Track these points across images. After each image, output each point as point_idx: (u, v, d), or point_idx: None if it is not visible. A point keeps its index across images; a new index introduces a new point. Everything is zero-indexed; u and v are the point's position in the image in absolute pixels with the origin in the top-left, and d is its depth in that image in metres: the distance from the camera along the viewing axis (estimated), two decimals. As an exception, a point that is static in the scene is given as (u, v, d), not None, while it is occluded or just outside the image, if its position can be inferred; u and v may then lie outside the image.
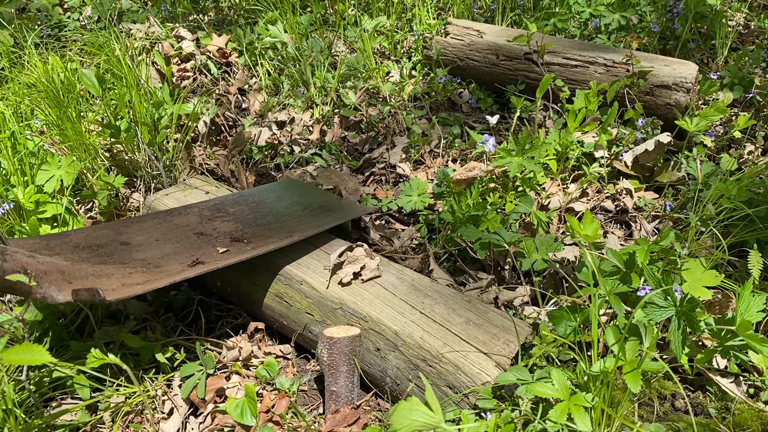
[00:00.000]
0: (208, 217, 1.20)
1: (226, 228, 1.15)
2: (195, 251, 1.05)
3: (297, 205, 1.26)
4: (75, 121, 1.52)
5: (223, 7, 2.65)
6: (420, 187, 1.34)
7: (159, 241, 1.10)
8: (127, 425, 0.94)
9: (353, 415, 0.92)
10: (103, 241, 1.09)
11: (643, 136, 1.48)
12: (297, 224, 1.16)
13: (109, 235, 1.12)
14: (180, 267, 0.99)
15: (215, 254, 1.04)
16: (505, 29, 1.89)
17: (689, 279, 0.86)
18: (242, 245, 1.07)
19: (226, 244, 1.08)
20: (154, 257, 1.03)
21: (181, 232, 1.13)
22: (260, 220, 1.19)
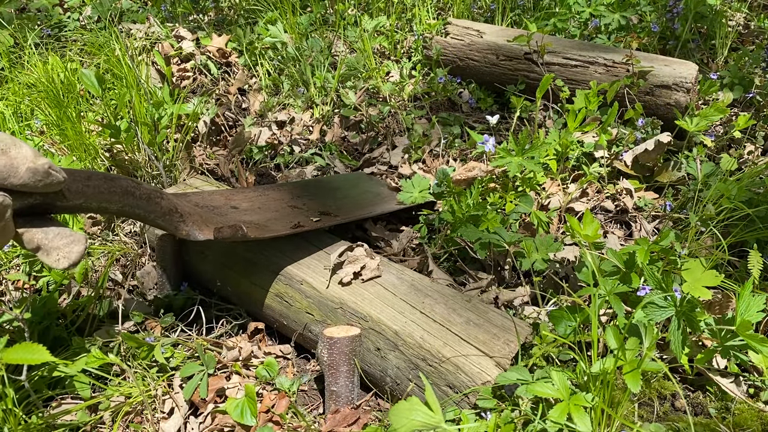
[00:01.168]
0: (297, 194, 1.37)
1: (313, 204, 1.32)
2: (293, 218, 1.21)
3: (367, 192, 1.44)
4: (75, 121, 1.53)
5: (223, 7, 2.65)
6: (421, 183, 1.34)
7: (261, 209, 1.25)
8: (127, 425, 0.94)
9: (353, 415, 0.92)
10: (216, 204, 1.23)
11: (643, 136, 1.48)
12: (371, 206, 1.37)
13: (221, 200, 1.25)
14: (284, 228, 1.14)
15: (310, 221, 1.19)
16: (505, 29, 1.89)
17: (689, 279, 0.87)
18: (330, 217, 1.24)
19: (316, 216, 1.23)
20: (260, 220, 1.18)
21: (277, 204, 1.30)
22: (340, 202, 1.35)
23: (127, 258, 1.33)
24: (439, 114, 1.77)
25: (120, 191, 0.92)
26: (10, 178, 0.75)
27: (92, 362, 0.95)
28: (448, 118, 1.75)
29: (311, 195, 1.37)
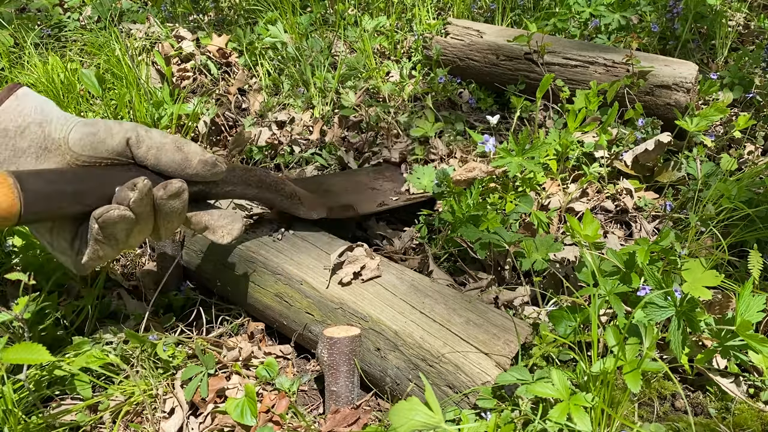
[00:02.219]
0: (373, 177, 1.51)
1: (388, 185, 1.46)
2: (376, 198, 1.37)
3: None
4: (75, 121, 1.52)
5: (223, 7, 2.65)
6: (429, 173, 1.34)
7: (348, 191, 1.39)
8: (127, 425, 0.94)
9: (353, 415, 0.92)
10: (312, 188, 1.35)
11: (643, 136, 1.48)
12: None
13: (315, 185, 1.39)
14: (372, 207, 1.32)
15: (390, 200, 1.35)
16: (505, 29, 1.89)
17: (689, 279, 0.87)
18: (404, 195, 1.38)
19: (394, 195, 1.39)
20: (350, 200, 1.33)
21: (360, 186, 1.44)
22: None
23: (127, 258, 1.33)
24: (440, 112, 1.77)
25: (256, 179, 1.07)
26: (185, 169, 0.88)
27: (92, 362, 0.95)
28: (449, 116, 1.75)
29: (383, 178, 1.51)
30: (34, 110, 0.82)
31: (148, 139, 0.86)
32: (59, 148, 0.82)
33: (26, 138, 0.80)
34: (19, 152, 0.80)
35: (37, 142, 0.81)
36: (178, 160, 0.87)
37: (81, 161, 0.83)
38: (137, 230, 0.84)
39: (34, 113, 0.81)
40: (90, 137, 0.82)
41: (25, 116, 0.81)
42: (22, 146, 0.80)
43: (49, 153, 0.82)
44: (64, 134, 0.82)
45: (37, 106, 0.82)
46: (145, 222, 0.85)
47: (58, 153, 0.82)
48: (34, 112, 0.81)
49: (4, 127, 0.79)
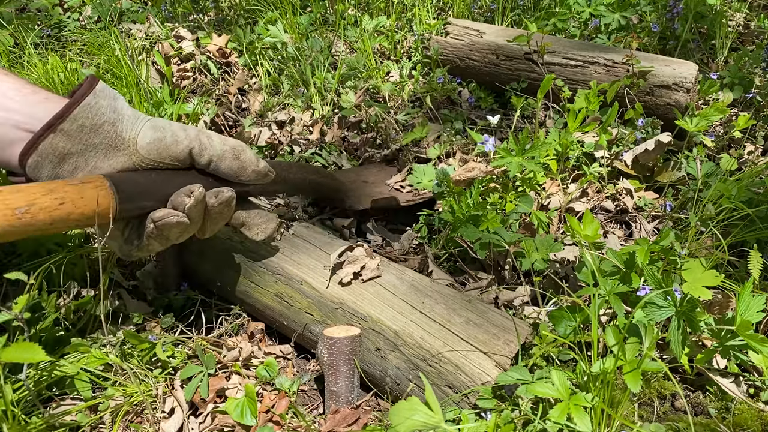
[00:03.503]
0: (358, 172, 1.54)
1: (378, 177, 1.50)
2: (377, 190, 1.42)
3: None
4: (75, 121, 1.52)
5: (223, 7, 2.65)
6: (429, 173, 1.34)
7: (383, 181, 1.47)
8: (127, 425, 0.94)
9: (353, 415, 0.92)
10: (351, 179, 1.44)
11: (644, 136, 1.48)
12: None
13: (353, 176, 1.48)
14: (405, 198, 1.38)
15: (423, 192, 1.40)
16: (505, 29, 1.89)
17: (689, 279, 0.86)
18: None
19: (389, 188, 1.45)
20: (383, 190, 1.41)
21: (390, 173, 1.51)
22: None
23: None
24: (440, 111, 1.77)
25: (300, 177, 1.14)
26: (240, 177, 0.96)
27: (92, 362, 0.95)
28: (449, 114, 1.75)
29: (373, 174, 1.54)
30: (109, 109, 0.86)
31: (210, 148, 0.92)
32: (128, 147, 0.87)
33: (100, 135, 0.85)
34: (91, 147, 0.85)
35: (108, 140, 0.86)
36: (235, 168, 0.94)
37: (145, 163, 0.89)
38: (187, 230, 0.92)
39: (110, 112, 0.86)
40: (157, 143, 0.88)
41: (101, 115, 0.85)
42: (95, 142, 0.85)
43: (117, 151, 0.87)
44: (133, 134, 0.87)
45: (112, 104, 0.87)
46: (195, 223, 0.91)
47: (125, 152, 0.87)
48: (109, 111, 0.86)
49: (81, 123, 0.83)
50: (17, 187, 0.77)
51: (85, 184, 0.81)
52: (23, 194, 0.76)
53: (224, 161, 0.94)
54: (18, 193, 0.76)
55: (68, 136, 0.83)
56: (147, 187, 0.88)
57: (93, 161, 0.86)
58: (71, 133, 0.83)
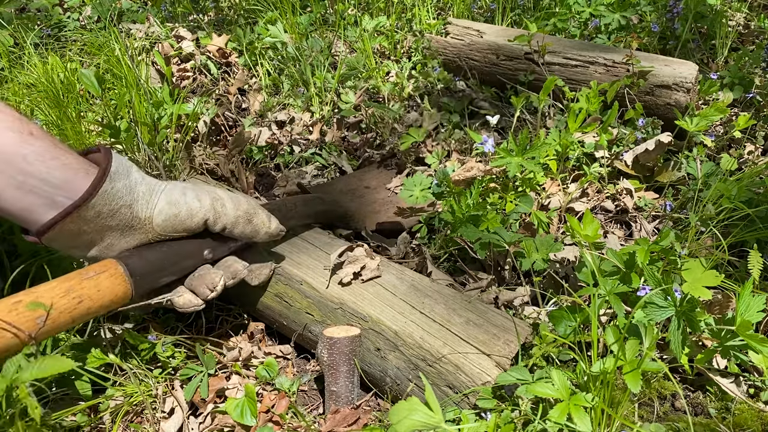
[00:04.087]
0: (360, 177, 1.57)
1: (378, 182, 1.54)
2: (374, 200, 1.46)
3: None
4: (75, 121, 1.53)
5: (223, 7, 2.65)
6: (422, 182, 1.32)
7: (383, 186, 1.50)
8: (127, 425, 0.94)
9: (353, 415, 0.92)
10: (353, 186, 1.49)
11: (644, 136, 1.48)
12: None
13: (355, 182, 1.51)
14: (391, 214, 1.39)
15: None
16: (505, 29, 1.89)
17: (689, 279, 0.86)
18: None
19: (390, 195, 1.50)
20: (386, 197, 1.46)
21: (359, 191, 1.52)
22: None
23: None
24: (440, 100, 1.75)
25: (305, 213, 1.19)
26: (252, 239, 1.00)
27: (92, 362, 0.94)
28: (448, 103, 1.73)
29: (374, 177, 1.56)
30: (125, 190, 0.87)
31: (224, 216, 0.95)
32: (144, 226, 0.89)
33: (116, 218, 0.87)
34: (106, 228, 0.87)
35: (125, 221, 0.88)
36: (248, 232, 0.98)
37: (160, 238, 0.92)
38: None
39: (126, 194, 0.87)
40: (173, 219, 0.91)
41: (118, 199, 0.86)
42: (111, 225, 0.87)
43: (134, 230, 0.89)
44: (149, 213, 0.90)
45: (127, 184, 0.88)
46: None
47: (141, 231, 0.90)
48: (125, 193, 0.87)
49: (98, 210, 0.85)
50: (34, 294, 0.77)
51: (101, 276, 0.83)
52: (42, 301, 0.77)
53: (237, 227, 0.97)
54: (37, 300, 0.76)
55: (86, 220, 0.84)
56: (160, 264, 0.90)
57: (108, 239, 0.88)
58: (88, 218, 0.84)
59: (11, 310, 0.74)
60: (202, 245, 0.96)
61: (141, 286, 0.88)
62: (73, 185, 0.84)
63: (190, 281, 0.95)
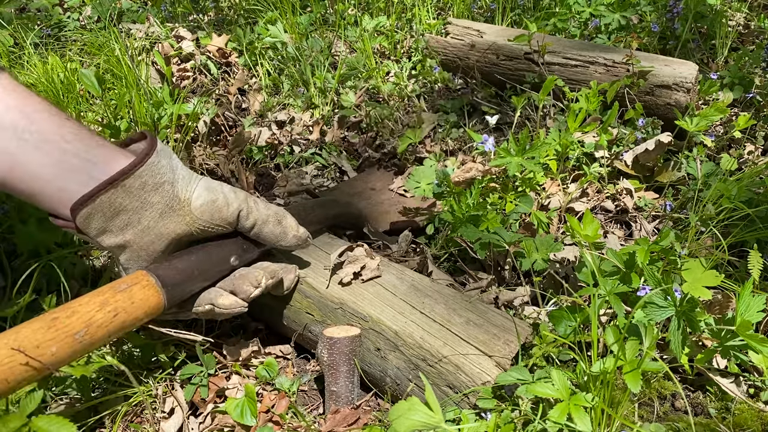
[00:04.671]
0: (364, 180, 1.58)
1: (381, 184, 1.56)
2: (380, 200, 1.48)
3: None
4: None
5: (223, 7, 2.65)
6: (427, 176, 1.33)
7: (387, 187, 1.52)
8: (127, 425, 0.94)
9: (353, 415, 0.92)
10: (359, 189, 1.50)
11: (644, 136, 1.48)
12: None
13: (361, 185, 1.53)
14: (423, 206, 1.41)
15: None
16: (505, 29, 1.89)
17: (689, 279, 0.86)
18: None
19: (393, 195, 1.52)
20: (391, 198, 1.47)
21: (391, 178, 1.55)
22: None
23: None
24: (436, 102, 1.76)
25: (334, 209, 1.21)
26: (280, 242, 0.98)
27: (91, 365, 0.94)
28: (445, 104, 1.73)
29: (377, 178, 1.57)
30: (168, 168, 0.87)
31: (256, 211, 0.94)
32: (183, 208, 0.88)
33: (159, 194, 0.85)
34: (147, 205, 0.85)
35: (166, 199, 0.86)
36: (277, 233, 0.97)
37: (197, 225, 0.90)
38: None
39: (169, 172, 0.87)
40: (210, 205, 0.90)
41: (162, 174, 0.86)
42: (153, 200, 0.85)
43: (173, 212, 0.87)
44: (188, 195, 0.89)
45: (170, 163, 0.88)
46: None
47: (180, 213, 0.88)
48: (168, 171, 0.87)
49: (144, 181, 0.83)
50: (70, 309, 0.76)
51: (133, 288, 0.82)
52: (79, 316, 0.76)
53: (267, 225, 0.95)
54: (74, 315, 0.76)
55: (129, 192, 0.83)
56: (190, 273, 0.89)
57: (146, 220, 0.86)
58: (133, 190, 0.83)
59: (50, 327, 0.73)
60: (230, 251, 0.95)
61: (173, 296, 0.87)
62: (113, 163, 0.83)
63: (229, 282, 0.94)
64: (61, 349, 0.73)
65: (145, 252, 0.88)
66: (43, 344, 0.72)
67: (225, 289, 0.93)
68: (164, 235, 0.88)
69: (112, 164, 0.83)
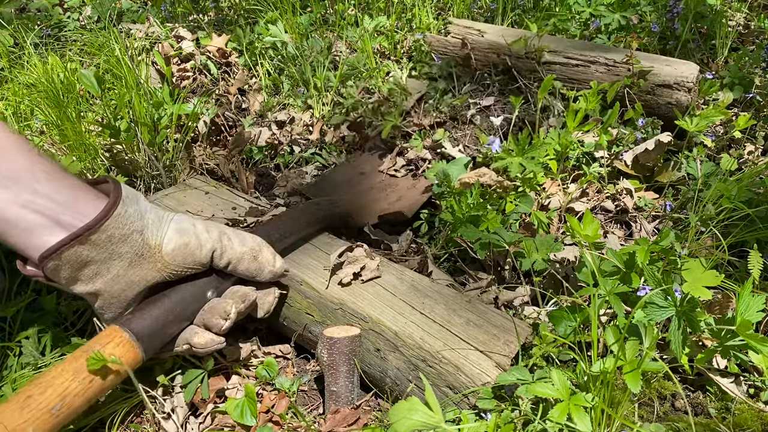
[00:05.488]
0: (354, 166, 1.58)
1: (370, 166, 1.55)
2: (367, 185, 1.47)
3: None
4: (75, 121, 1.52)
5: (223, 7, 2.65)
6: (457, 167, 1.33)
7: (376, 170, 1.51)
8: (127, 425, 0.94)
9: (353, 415, 0.92)
10: (349, 176, 1.48)
11: (644, 136, 1.48)
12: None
13: (350, 171, 1.51)
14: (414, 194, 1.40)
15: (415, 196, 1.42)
16: (506, 29, 1.89)
17: (689, 279, 0.86)
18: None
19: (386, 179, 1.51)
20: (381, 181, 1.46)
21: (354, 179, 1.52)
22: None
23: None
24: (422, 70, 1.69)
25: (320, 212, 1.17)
26: (256, 278, 0.96)
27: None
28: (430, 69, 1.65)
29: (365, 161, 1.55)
30: (136, 216, 0.84)
31: (230, 250, 0.92)
32: (153, 255, 0.86)
33: (127, 244, 0.83)
34: (115, 255, 0.83)
35: (135, 248, 0.84)
36: (252, 270, 0.95)
37: (168, 270, 0.88)
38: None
39: (137, 220, 0.84)
40: (182, 249, 0.88)
41: (130, 224, 0.83)
42: (121, 251, 0.83)
43: (143, 260, 0.85)
44: (158, 241, 0.86)
45: (137, 209, 0.85)
46: None
47: (150, 260, 0.86)
48: (137, 219, 0.84)
49: (110, 234, 0.81)
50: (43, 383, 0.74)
51: (107, 348, 0.80)
52: (53, 389, 0.74)
53: (242, 263, 0.94)
54: (47, 390, 0.74)
55: (96, 246, 0.81)
56: (165, 318, 0.87)
57: (115, 269, 0.84)
58: (99, 243, 0.81)
59: (23, 407, 0.71)
60: (206, 287, 0.93)
61: (150, 346, 0.85)
62: (81, 207, 0.81)
63: (200, 318, 0.92)
64: (38, 427, 0.71)
65: (117, 300, 0.86)
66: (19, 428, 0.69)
67: (199, 325, 0.92)
68: (135, 283, 0.86)
69: (82, 208, 0.81)
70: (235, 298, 0.93)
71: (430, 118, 1.55)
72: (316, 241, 1.13)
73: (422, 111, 1.58)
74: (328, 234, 1.17)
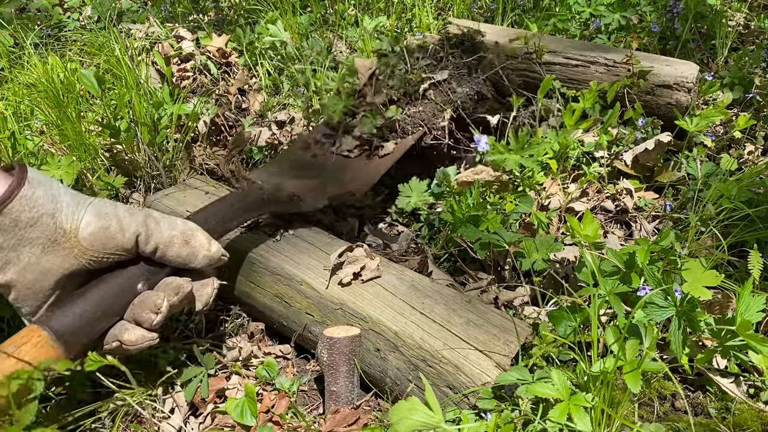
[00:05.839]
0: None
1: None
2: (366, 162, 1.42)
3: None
4: (75, 121, 1.52)
5: (223, 7, 2.65)
6: (418, 187, 1.33)
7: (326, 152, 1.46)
8: (127, 425, 0.94)
9: (353, 415, 0.92)
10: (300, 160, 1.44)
11: (644, 136, 1.48)
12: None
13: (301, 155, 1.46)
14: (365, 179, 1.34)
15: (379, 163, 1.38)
16: (506, 29, 1.89)
17: (689, 279, 0.86)
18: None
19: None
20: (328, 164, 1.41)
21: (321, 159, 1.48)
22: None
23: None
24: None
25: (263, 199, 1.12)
26: (189, 264, 0.89)
27: (91, 365, 0.94)
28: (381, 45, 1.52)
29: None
30: (47, 198, 0.78)
31: (157, 233, 0.86)
32: (68, 240, 0.80)
33: (37, 229, 0.78)
34: (26, 242, 0.77)
35: (47, 233, 0.78)
36: (184, 255, 0.88)
37: (87, 257, 0.81)
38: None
39: (48, 203, 0.78)
40: (101, 233, 0.81)
41: (39, 206, 0.77)
42: (31, 237, 0.78)
43: (57, 245, 0.79)
44: (74, 225, 0.80)
45: (49, 192, 0.79)
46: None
47: (66, 246, 0.80)
48: (47, 201, 0.78)
49: (16, 217, 0.76)
50: None
51: (22, 349, 0.74)
52: None
53: (172, 248, 0.87)
54: None
55: (1, 231, 0.75)
56: (91, 313, 0.81)
57: (26, 257, 0.78)
58: (4, 227, 0.75)
59: None
60: (135, 278, 0.86)
61: (73, 344, 0.79)
62: None
63: (130, 313, 0.85)
64: None
65: (32, 291, 0.80)
66: None
67: (129, 320, 0.85)
68: (50, 271, 0.80)
69: None
70: (167, 291, 0.86)
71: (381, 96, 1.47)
72: (316, 241, 1.13)
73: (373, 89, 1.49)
74: (327, 234, 1.17)
